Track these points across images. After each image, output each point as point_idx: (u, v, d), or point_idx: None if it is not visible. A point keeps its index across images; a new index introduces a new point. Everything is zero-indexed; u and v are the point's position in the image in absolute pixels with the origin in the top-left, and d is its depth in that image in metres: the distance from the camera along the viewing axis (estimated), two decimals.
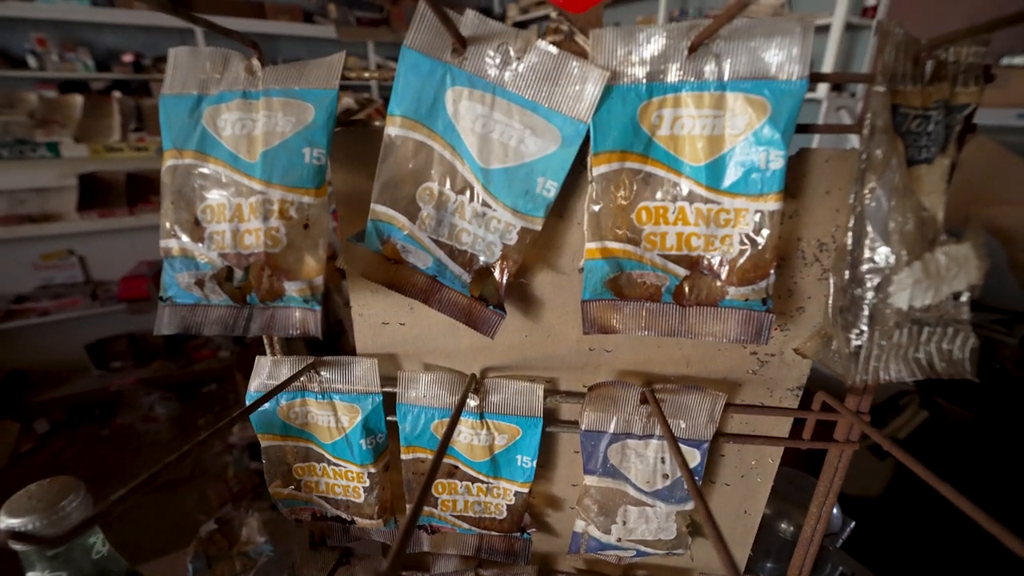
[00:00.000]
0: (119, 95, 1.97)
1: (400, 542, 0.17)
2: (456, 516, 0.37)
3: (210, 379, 2.07)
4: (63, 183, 1.87)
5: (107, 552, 0.31)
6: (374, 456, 0.36)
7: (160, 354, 2.09)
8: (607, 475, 0.34)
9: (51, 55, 2.45)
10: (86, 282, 1.99)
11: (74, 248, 1.95)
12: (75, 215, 1.82)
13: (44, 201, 1.88)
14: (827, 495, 0.36)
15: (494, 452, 0.35)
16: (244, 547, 0.62)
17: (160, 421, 1.90)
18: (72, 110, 1.87)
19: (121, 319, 2.00)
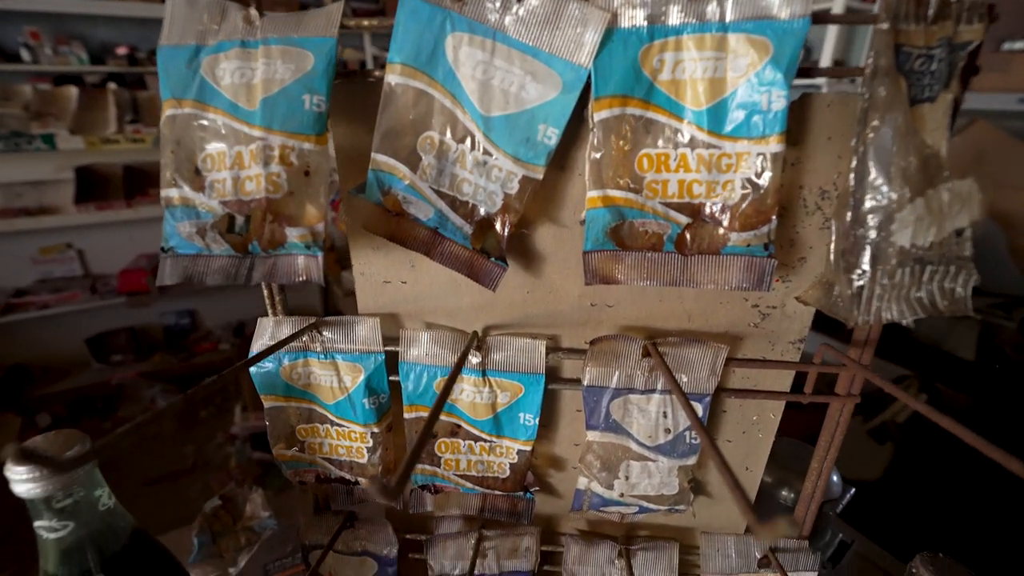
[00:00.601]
0: (114, 87, 1.96)
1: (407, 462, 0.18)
2: (459, 475, 0.37)
3: (211, 372, 2.06)
4: (59, 176, 1.86)
5: (113, 506, 0.31)
6: (377, 416, 0.36)
7: (160, 347, 2.09)
8: (609, 430, 0.34)
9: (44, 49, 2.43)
10: (85, 276, 1.98)
11: (72, 242, 1.95)
12: (72, 208, 1.81)
13: (41, 194, 1.87)
14: (828, 450, 0.36)
15: (496, 410, 0.35)
16: (248, 522, 0.62)
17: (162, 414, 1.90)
18: (67, 102, 1.85)
19: (121, 312, 1.99)
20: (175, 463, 1.68)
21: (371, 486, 0.15)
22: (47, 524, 0.28)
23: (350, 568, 0.42)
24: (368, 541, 0.42)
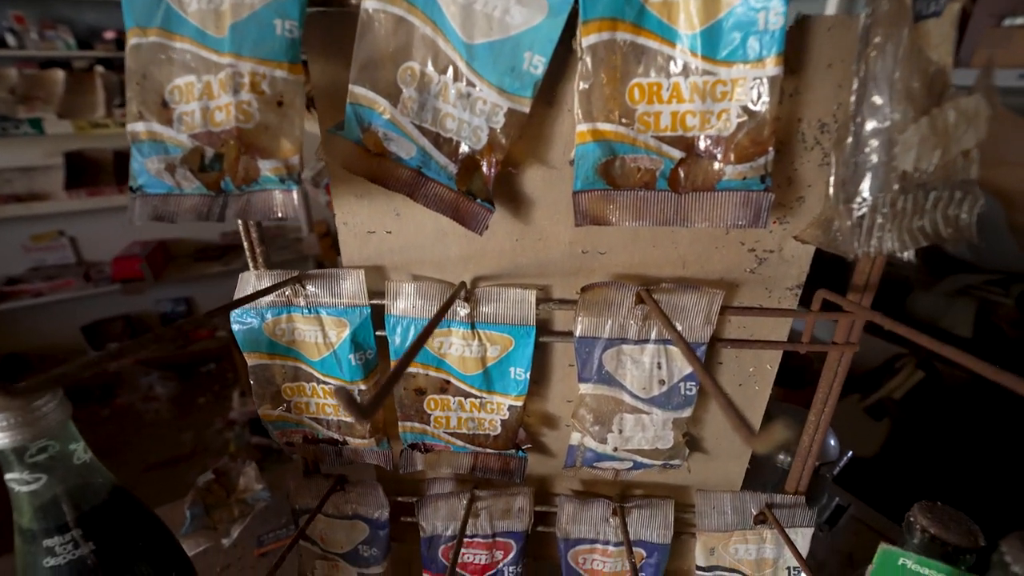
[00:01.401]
0: (102, 70, 1.93)
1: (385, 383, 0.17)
2: (449, 433, 0.37)
3: (208, 359, 2.06)
4: (49, 162, 1.83)
5: (90, 460, 0.30)
6: (364, 372, 0.35)
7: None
8: (602, 382, 0.33)
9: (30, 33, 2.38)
10: (78, 263, 1.96)
11: (64, 229, 1.93)
12: (63, 194, 1.79)
13: (31, 181, 1.85)
14: (826, 401, 0.35)
15: (487, 364, 0.34)
16: (242, 495, 0.62)
17: (160, 400, 1.91)
18: (54, 86, 1.82)
19: (116, 300, 1.98)
20: (174, 449, 1.68)
21: (342, 400, 0.14)
22: (19, 477, 0.27)
23: (341, 531, 0.42)
24: (359, 504, 0.41)
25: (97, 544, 0.29)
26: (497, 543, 0.40)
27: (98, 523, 0.29)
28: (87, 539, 0.28)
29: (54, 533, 0.28)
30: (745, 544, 0.39)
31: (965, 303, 1.49)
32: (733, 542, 0.39)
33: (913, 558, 0.29)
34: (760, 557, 0.39)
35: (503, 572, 0.41)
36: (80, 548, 0.28)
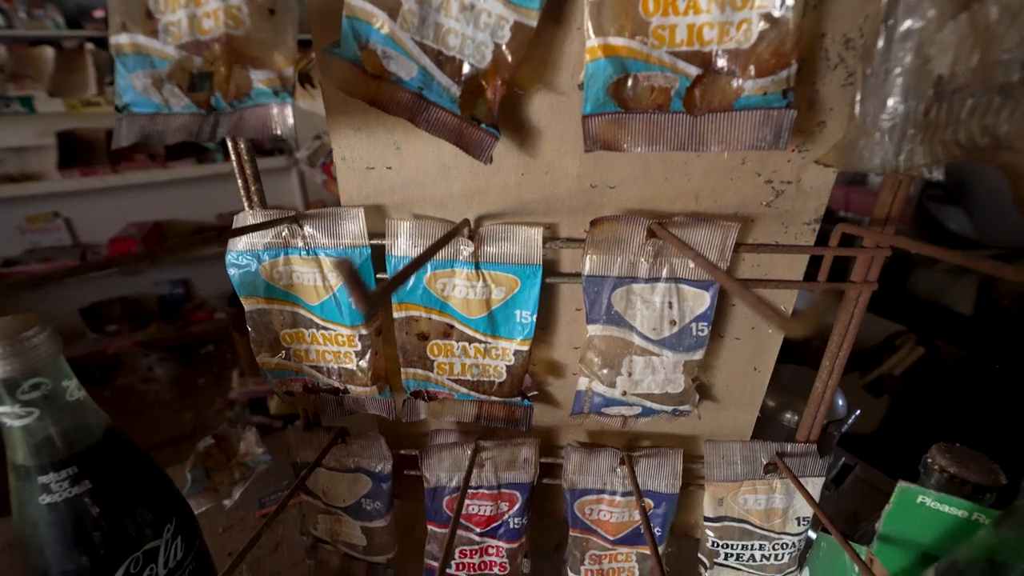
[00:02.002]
0: (92, 47, 1.88)
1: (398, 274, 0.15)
2: (453, 380, 0.36)
3: (207, 340, 2.06)
4: (41, 142, 1.80)
5: (83, 399, 0.29)
6: (365, 317, 0.34)
7: (155, 317, 2.07)
8: (611, 323, 0.32)
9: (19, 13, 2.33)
10: (74, 245, 1.94)
11: (59, 210, 1.91)
12: (56, 174, 1.77)
13: (23, 161, 1.82)
14: (841, 344, 0.34)
15: (491, 307, 0.33)
16: (243, 458, 0.61)
17: (160, 381, 1.90)
18: (44, 64, 1.78)
19: (113, 282, 1.97)
20: (174, 429, 1.68)
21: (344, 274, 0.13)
22: (11, 411, 0.26)
23: (343, 485, 0.41)
24: (361, 457, 0.40)
25: (94, 484, 0.28)
26: (502, 494, 0.39)
27: (94, 463, 0.28)
28: (83, 478, 0.27)
29: (49, 470, 0.27)
30: (755, 494, 0.38)
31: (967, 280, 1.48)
32: (742, 492, 0.38)
33: (932, 495, 0.28)
34: (769, 507, 0.39)
35: (508, 523, 0.40)
36: (76, 487, 0.27)
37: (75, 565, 0.28)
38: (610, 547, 0.40)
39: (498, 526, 0.40)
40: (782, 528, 0.39)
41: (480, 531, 0.40)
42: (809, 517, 0.39)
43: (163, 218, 2.03)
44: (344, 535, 0.43)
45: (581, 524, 0.39)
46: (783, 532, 0.39)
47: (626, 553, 0.40)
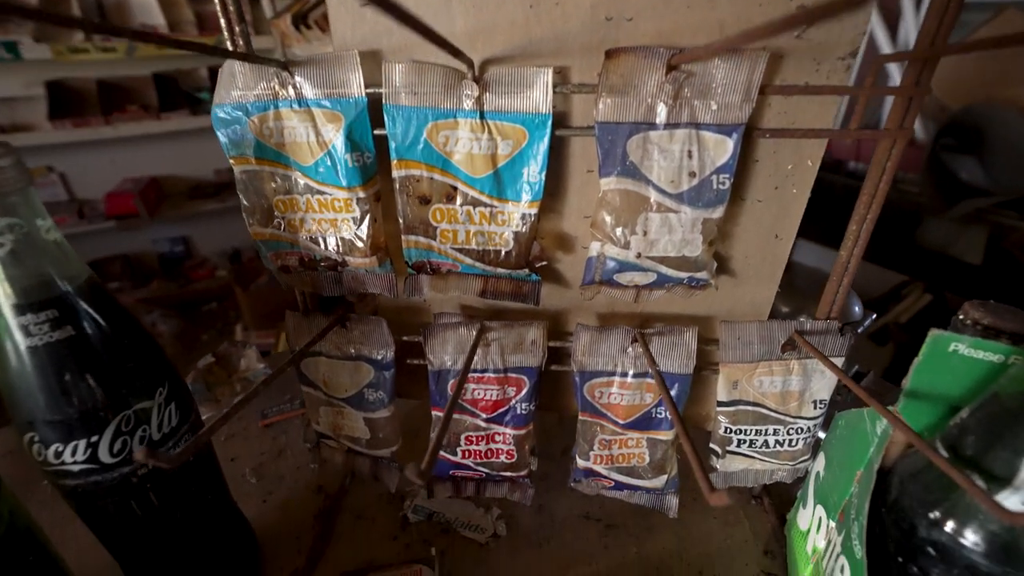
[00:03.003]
0: None
1: None
2: (457, 250, 0.34)
3: (210, 298, 2.05)
4: (30, 92, 1.75)
5: (61, 241, 0.27)
6: (362, 178, 0.32)
7: (157, 275, 2.06)
8: (627, 175, 0.30)
9: None
10: (71, 200, 1.91)
11: (53, 164, 1.87)
12: (48, 125, 1.72)
13: (12, 111, 1.77)
14: (871, 204, 0.32)
15: (497, 164, 0.31)
16: (243, 374, 0.61)
17: (164, 337, 1.90)
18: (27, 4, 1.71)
19: (111, 238, 1.95)
20: None
21: None
22: None
23: (344, 373, 0.40)
24: (362, 344, 0.39)
25: (77, 331, 0.26)
26: (509, 379, 0.38)
27: (76, 310, 0.27)
28: (64, 323, 0.26)
29: (26, 311, 0.25)
30: (771, 376, 0.37)
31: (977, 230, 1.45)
32: (758, 374, 0.37)
33: (967, 341, 0.27)
34: (786, 390, 0.37)
35: (515, 409, 0.39)
36: (57, 331, 0.26)
37: (61, 416, 0.27)
38: (620, 432, 0.39)
39: (505, 412, 0.39)
40: (798, 412, 0.38)
41: (487, 417, 0.39)
42: (826, 400, 0.38)
43: (159, 173, 1.99)
44: (347, 429, 0.42)
45: (591, 408, 0.38)
46: (799, 416, 0.38)
47: (636, 438, 0.39)
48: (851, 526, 0.30)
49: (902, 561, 0.26)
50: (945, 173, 1.53)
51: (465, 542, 0.43)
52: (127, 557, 0.34)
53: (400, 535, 0.44)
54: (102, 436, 0.28)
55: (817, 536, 0.36)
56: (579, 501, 0.46)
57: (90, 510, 0.30)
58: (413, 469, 0.20)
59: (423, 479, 0.21)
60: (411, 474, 0.20)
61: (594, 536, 0.43)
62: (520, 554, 0.42)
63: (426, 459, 0.21)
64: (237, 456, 0.51)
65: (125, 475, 0.29)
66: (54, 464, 0.28)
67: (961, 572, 0.24)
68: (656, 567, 0.41)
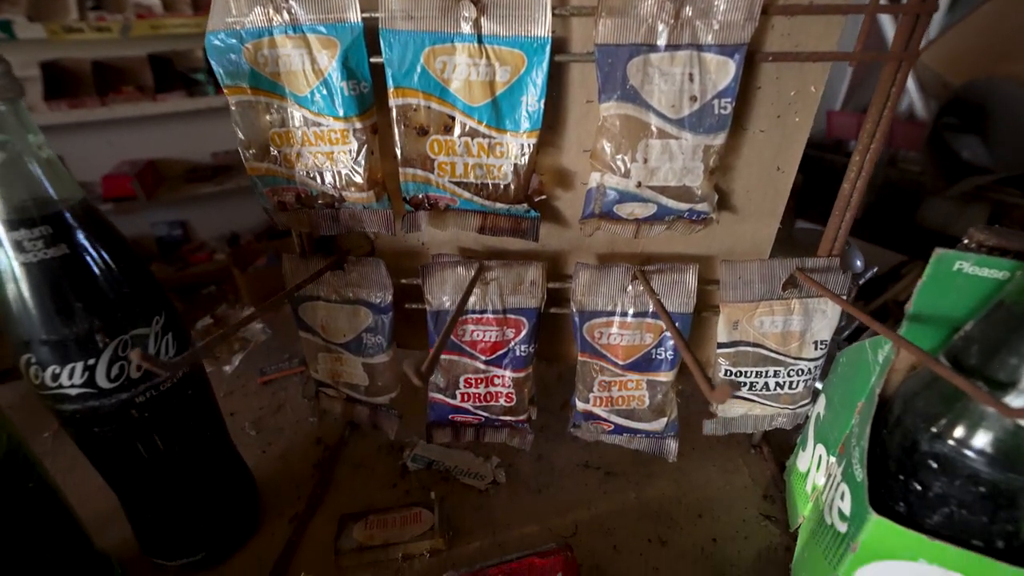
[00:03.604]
0: None
1: None
2: (455, 183, 0.33)
3: (209, 281, 2.05)
4: (25, 73, 1.73)
5: (53, 159, 0.27)
6: (359, 107, 0.32)
7: (155, 258, 2.05)
8: (627, 100, 0.30)
9: None
10: None
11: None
12: (43, 106, 1.71)
13: None
14: (875, 132, 0.31)
15: (495, 92, 0.31)
16: (242, 333, 0.61)
17: None
18: None
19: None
20: None
21: None
22: None
23: (343, 318, 0.40)
24: (360, 287, 0.38)
25: (72, 250, 0.26)
26: (508, 320, 0.38)
27: (70, 228, 0.26)
28: (59, 241, 0.26)
29: (20, 226, 0.25)
30: (771, 316, 0.37)
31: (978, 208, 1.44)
32: (759, 314, 0.37)
33: (972, 259, 0.26)
34: (787, 330, 0.37)
35: (515, 351, 0.39)
36: (52, 249, 0.25)
37: (57, 336, 0.26)
38: (620, 373, 0.38)
39: (504, 354, 0.39)
40: (798, 353, 0.38)
41: (486, 359, 0.39)
42: (827, 341, 0.38)
43: (156, 156, 1.98)
44: (346, 376, 0.42)
45: (590, 349, 0.38)
46: (799, 357, 0.38)
47: (636, 380, 0.39)
48: (851, 453, 0.30)
49: (903, 479, 0.26)
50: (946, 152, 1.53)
51: (464, 489, 0.43)
52: (126, 490, 0.34)
53: (399, 482, 0.44)
54: (99, 360, 0.27)
55: (817, 474, 0.36)
56: (578, 451, 0.46)
57: (89, 439, 0.30)
58: (411, 366, 0.20)
59: (421, 379, 0.20)
60: (409, 370, 0.20)
61: (593, 483, 0.43)
62: (519, 499, 0.42)
63: (427, 361, 0.21)
64: (236, 411, 0.51)
65: (123, 402, 0.29)
66: (51, 388, 0.27)
67: (963, 483, 0.24)
68: (655, 511, 0.41)
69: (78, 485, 0.34)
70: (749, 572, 0.36)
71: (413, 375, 0.20)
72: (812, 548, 0.32)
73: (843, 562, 0.28)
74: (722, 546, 0.38)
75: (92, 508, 0.34)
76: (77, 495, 0.34)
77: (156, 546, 0.36)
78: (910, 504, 0.26)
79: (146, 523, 0.35)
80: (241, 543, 0.39)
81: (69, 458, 0.40)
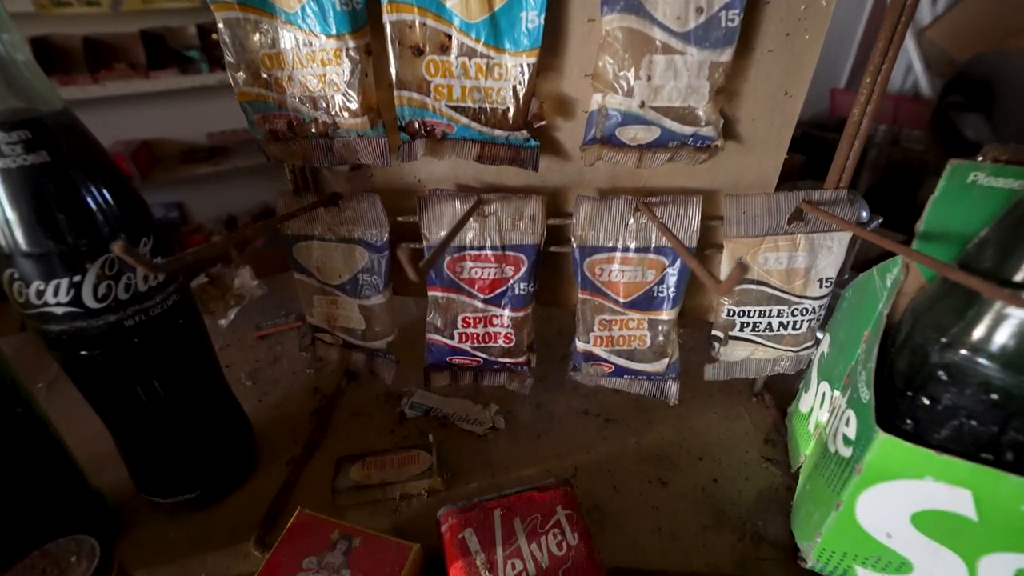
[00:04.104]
0: None
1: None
2: (452, 108, 0.32)
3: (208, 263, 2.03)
4: None
5: (29, 62, 0.26)
6: (351, 24, 0.30)
7: None
8: (630, 11, 0.29)
9: None
10: None
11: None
12: None
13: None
14: (887, 50, 0.30)
15: (494, 7, 0.29)
16: (238, 291, 0.60)
17: None
18: None
19: None
20: None
21: None
22: None
23: (338, 257, 0.39)
24: (355, 224, 0.37)
25: (53, 159, 0.25)
26: (507, 257, 0.37)
27: (50, 135, 0.25)
28: (39, 147, 0.25)
29: None
30: (776, 252, 0.36)
31: None
32: (763, 250, 0.36)
33: (987, 169, 0.26)
34: (791, 267, 0.36)
35: (514, 290, 0.38)
36: (32, 155, 0.25)
37: (40, 249, 0.25)
38: (621, 311, 0.38)
39: (503, 292, 0.38)
40: (803, 291, 0.37)
41: (484, 298, 0.38)
42: (832, 279, 0.37)
43: (150, 136, 1.96)
44: (342, 319, 0.42)
45: (591, 286, 0.37)
46: (804, 296, 0.37)
47: (638, 320, 0.38)
48: (857, 378, 0.29)
49: (911, 395, 0.26)
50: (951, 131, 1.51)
51: (463, 434, 0.42)
52: (118, 423, 0.33)
53: (397, 429, 0.43)
54: (85, 277, 0.27)
55: (820, 411, 0.36)
56: (578, 399, 0.46)
57: (78, 365, 0.29)
58: (405, 250, 0.19)
59: (418, 274, 0.20)
60: (404, 256, 0.19)
61: (593, 429, 0.43)
62: (518, 444, 0.42)
63: (425, 260, 0.20)
64: (232, 363, 0.51)
65: (112, 324, 0.28)
66: (37, 306, 0.27)
67: (974, 392, 0.23)
68: (656, 455, 0.40)
69: (73, 433, 0.34)
70: (750, 510, 0.36)
71: (409, 265, 0.19)
72: (815, 480, 0.32)
73: (847, 486, 0.28)
74: (723, 486, 0.38)
75: (87, 451, 0.34)
76: (72, 441, 0.33)
77: (150, 483, 0.35)
78: (917, 421, 0.26)
79: (139, 458, 0.34)
80: (237, 484, 0.38)
81: (65, 405, 0.40)
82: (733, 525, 0.35)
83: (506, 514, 0.32)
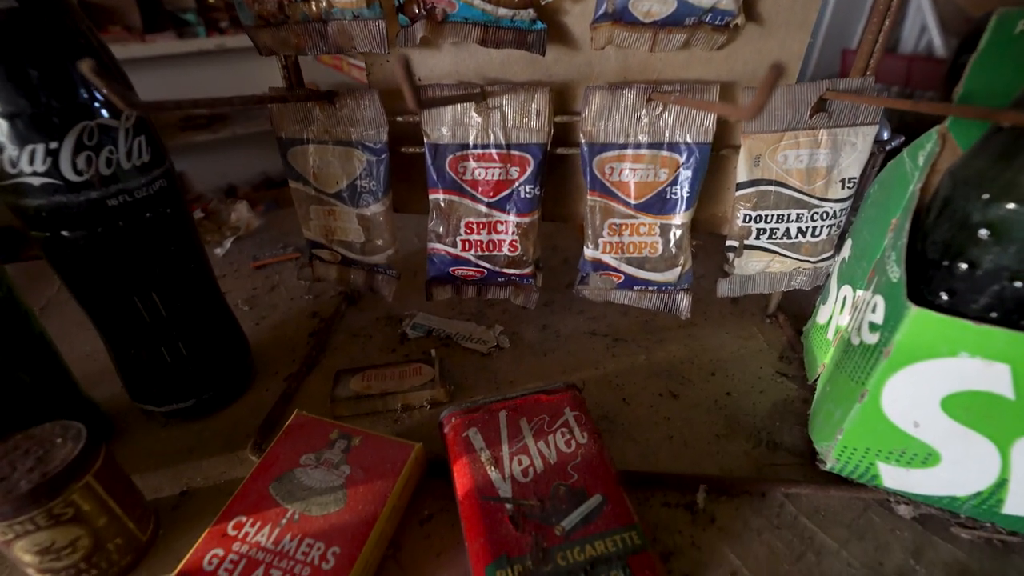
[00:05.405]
0: None
1: None
2: None
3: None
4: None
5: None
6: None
7: None
8: None
9: None
10: None
11: None
12: None
13: None
14: None
15: None
16: (234, 224, 0.58)
17: None
18: None
19: None
20: None
21: None
22: None
23: (335, 163, 0.37)
24: (352, 125, 0.36)
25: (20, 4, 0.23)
26: (512, 156, 0.35)
27: None
28: None
29: None
30: (796, 149, 0.34)
31: None
32: (783, 147, 0.34)
33: None
34: (812, 165, 0.34)
35: (519, 193, 0.36)
36: None
37: (12, 107, 0.24)
38: (632, 214, 0.36)
39: (508, 195, 0.36)
40: (824, 192, 0.35)
41: (488, 201, 0.36)
42: (855, 180, 0.35)
43: None
44: (340, 232, 0.40)
45: (600, 186, 0.35)
46: (824, 198, 0.35)
47: (649, 224, 0.36)
48: (886, 261, 0.27)
49: (948, 265, 0.24)
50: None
51: (467, 352, 0.41)
52: (105, 322, 0.32)
53: (399, 348, 0.42)
54: (62, 143, 0.25)
55: (840, 316, 0.34)
56: (585, 321, 0.44)
57: (60, 249, 0.28)
58: (402, 59, 0.17)
59: (417, 106, 0.18)
60: (400, 68, 0.17)
61: (601, 348, 0.41)
62: (524, 361, 0.40)
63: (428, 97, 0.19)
64: (228, 291, 0.49)
65: (93, 201, 0.26)
66: (12, 176, 0.25)
67: (1019, 248, 0.21)
68: (667, 370, 0.39)
69: (68, 352, 0.33)
70: (764, 419, 0.35)
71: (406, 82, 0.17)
72: (836, 378, 0.30)
73: (873, 373, 0.26)
74: (736, 399, 0.36)
75: (81, 369, 0.33)
76: (67, 359, 0.33)
77: (143, 389, 0.34)
78: (953, 292, 0.24)
79: (130, 362, 0.33)
80: (233, 396, 0.37)
81: (59, 327, 0.39)
82: (747, 433, 0.34)
83: (512, 415, 0.31)
